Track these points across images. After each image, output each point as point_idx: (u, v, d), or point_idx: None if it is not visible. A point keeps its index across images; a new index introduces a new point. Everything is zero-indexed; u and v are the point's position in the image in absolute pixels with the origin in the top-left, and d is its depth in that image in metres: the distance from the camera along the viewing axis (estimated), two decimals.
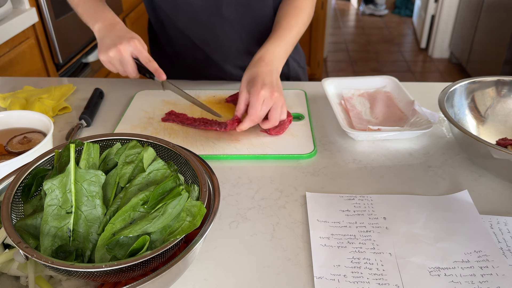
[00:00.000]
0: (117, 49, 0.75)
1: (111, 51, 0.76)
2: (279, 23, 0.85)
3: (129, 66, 0.77)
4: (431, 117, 0.77)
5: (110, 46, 0.76)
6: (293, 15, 0.85)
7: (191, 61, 1.00)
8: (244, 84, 0.75)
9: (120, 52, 0.76)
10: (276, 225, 0.59)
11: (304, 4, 0.87)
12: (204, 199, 0.46)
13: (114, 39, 0.77)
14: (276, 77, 0.76)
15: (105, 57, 0.77)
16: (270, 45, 0.80)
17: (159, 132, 0.80)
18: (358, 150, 0.75)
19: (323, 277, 0.51)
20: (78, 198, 0.44)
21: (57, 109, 0.88)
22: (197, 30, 0.93)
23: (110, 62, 0.78)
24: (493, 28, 2.71)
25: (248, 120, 0.73)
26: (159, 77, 0.79)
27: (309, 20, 0.89)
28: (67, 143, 0.47)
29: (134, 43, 0.76)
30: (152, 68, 0.78)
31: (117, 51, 0.76)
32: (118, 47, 0.75)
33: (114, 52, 0.76)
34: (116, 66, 0.78)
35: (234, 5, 0.88)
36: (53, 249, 0.42)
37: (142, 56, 0.77)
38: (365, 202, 0.62)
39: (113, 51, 0.76)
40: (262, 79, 0.73)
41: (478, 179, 0.67)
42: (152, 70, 0.78)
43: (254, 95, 0.72)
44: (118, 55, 0.76)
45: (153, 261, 0.41)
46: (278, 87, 0.74)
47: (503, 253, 0.53)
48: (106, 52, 0.76)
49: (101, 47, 0.78)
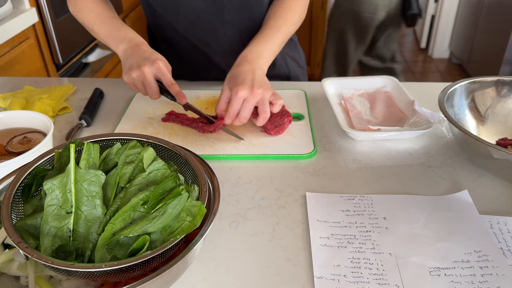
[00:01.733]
0: (141, 71, 0.75)
1: (134, 72, 0.75)
2: (266, 23, 0.85)
3: (150, 88, 0.76)
4: (431, 117, 0.77)
5: (133, 68, 0.76)
6: (282, 15, 0.85)
7: (191, 64, 1.00)
8: (226, 82, 0.76)
9: (144, 74, 0.75)
10: (276, 225, 0.59)
11: (294, 5, 0.87)
12: (204, 199, 0.46)
13: (139, 60, 0.76)
14: (260, 75, 0.75)
15: (128, 78, 0.77)
16: (254, 45, 0.80)
17: (159, 132, 0.80)
18: (358, 150, 0.75)
19: (323, 277, 0.51)
20: (78, 198, 0.44)
21: (57, 109, 0.88)
22: (197, 33, 0.93)
23: (133, 84, 0.77)
24: (493, 28, 2.71)
25: (228, 117, 0.73)
26: (180, 100, 0.77)
27: (300, 20, 0.89)
28: (67, 143, 0.47)
29: (158, 65, 0.75)
30: (174, 91, 0.77)
31: (140, 73, 0.75)
32: (142, 69, 0.74)
33: (137, 74, 0.75)
34: (139, 87, 0.77)
35: (236, 8, 0.88)
36: (53, 249, 0.42)
37: (165, 79, 0.76)
38: (365, 202, 0.62)
39: (136, 73, 0.75)
40: (243, 77, 0.73)
41: (478, 179, 0.67)
42: (174, 93, 0.77)
43: (233, 94, 0.72)
44: (141, 76, 0.75)
45: (153, 261, 0.41)
46: (261, 83, 0.74)
47: (503, 253, 0.53)
48: (129, 73, 0.76)
49: (125, 67, 0.78)
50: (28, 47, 1.45)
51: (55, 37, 1.56)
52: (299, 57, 1.08)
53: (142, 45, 0.80)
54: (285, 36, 0.85)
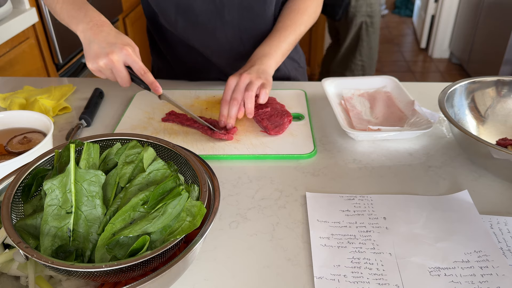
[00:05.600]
0: (109, 59, 0.68)
1: (101, 60, 0.69)
2: (276, 24, 0.86)
3: (120, 77, 0.71)
4: (431, 117, 0.77)
5: (99, 55, 0.69)
6: (290, 16, 0.86)
7: (191, 64, 1.00)
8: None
9: (112, 62, 0.68)
10: (276, 225, 0.59)
11: (306, 5, 0.87)
12: (204, 199, 0.46)
13: (104, 46, 0.69)
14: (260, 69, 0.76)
15: (94, 66, 0.70)
16: (262, 46, 0.81)
17: (159, 132, 0.80)
18: (358, 150, 0.75)
19: (323, 277, 0.51)
20: (78, 198, 0.44)
21: (57, 109, 0.88)
22: (197, 34, 0.92)
23: (100, 71, 0.71)
24: (493, 28, 2.71)
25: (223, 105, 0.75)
26: (155, 91, 0.72)
27: (311, 19, 0.89)
28: (67, 143, 0.47)
29: (127, 51, 0.69)
30: (148, 81, 0.71)
31: (108, 61, 0.68)
32: (110, 56, 0.68)
33: (104, 61, 0.69)
34: (107, 74, 0.72)
35: (236, 9, 0.88)
36: (53, 249, 0.42)
37: (136, 66, 0.70)
38: (365, 202, 0.62)
39: (103, 60, 0.69)
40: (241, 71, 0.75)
41: (478, 179, 0.67)
42: (148, 83, 0.72)
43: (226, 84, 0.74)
44: (110, 64, 0.69)
45: (153, 261, 0.41)
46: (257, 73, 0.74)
47: (503, 253, 0.53)
48: (95, 60, 0.69)
49: (89, 54, 0.70)
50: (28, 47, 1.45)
51: (55, 37, 1.56)
52: (299, 57, 1.08)
53: (103, 25, 0.72)
54: (295, 36, 0.85)
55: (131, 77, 0.73)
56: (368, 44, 2.42)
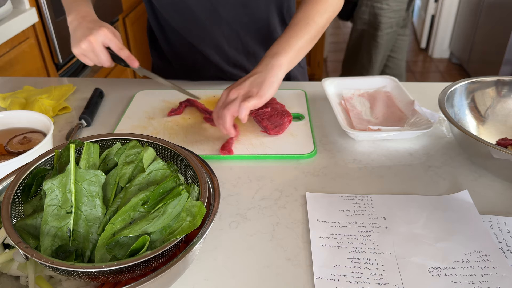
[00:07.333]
0: (88, 40, 0.75)
1: (82, 43, 0.75)
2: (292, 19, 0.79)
3: (102, 56, 0.77)
4: (431, 117, 0.77)
5: (81, 38, 0.75)
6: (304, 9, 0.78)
7: (190, 63, 1.00)
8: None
9: (91, 43, 0.75)
10: (276, 225, 0.59)
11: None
12: (204, 199, 0.46)
13: (85, 31, 0.76)
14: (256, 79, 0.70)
15: (78, 50, 0.76)
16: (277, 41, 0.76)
17: (159, 132, 0.80)
18: (358, 150, 0.75)
19: (323, 277, 0.51)
20: (78, 198, 0.44)
21: (57, 109, 0.88)
22: (195, 32, 0.93)
23: (84, 55, 0.77)
24: (493, 28, 2.71)
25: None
26: (131, 64, 0.78)
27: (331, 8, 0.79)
28: (67, 143, 0.47)
29: (103, 31, 0.75)
30: (124, 55, 0.77)
31: (88, 43, 0.75)
32: (89, 38, 0.74)
33: (85, 44, 0.75)
34: (91, 58, 0.78)
35: (231, 6, 0.88)
36: (53, 249, 0.42)
37: (113, 44, 0.77)
38: (365, 202, 0.62)
39: (84, 43, 0.75)
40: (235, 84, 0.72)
41: (478, 179, 0.67)
42: (124, 57, 0.77)
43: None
44: (90, 46, 0.75)
45: (153, 261, 0.41)
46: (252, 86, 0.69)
47: (503, 253, 0.53)
48: (78, 44, 0.76)
49: (73, 39, 0.77)
50: (28, 47, 1.45)
51: (55, 37, 1.56)
52: None
53: (87, 16, 0.79)
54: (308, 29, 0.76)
55: (112, 57, 0.78)
56: (368, 56, 2.35)
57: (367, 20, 2.28)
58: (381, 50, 2.33)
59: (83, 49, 0.76)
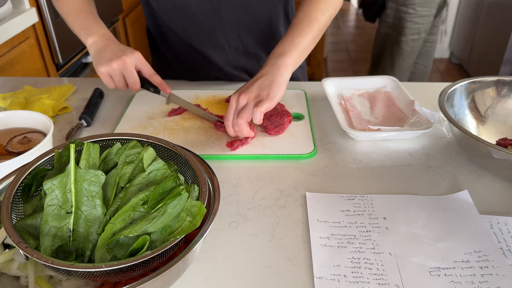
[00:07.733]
0: (122, 60, 0.74)
1: (114, 62, 0.74)
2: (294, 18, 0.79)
3: (132, 77, 0.76)
4: (431, 117, 0.77)
5: (113, 58, 0.75)
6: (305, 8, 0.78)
7: (190, 64, 1.00)
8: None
9: (125, 63, 0.74)
10: (276, 225, 0.59)
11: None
12: (204, 199, 0.46)
13: (116, 51, 0.76)
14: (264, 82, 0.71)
15: (106, 68, 0.75)
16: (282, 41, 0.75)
17: (159, 132, 0.80)
18: (358, 150, 0.75)
19: (323, 277, 0.51)
20: (78, 198, 0.44)
21: (57, 109, 0.88)
22: (195, 33, 0.92)
23: (110, 75, 0.76)
24: (493, 28, 2.71)
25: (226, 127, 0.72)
26: (164, 90, 0.78)
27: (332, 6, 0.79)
28: (67, 143, 0.47)
29: (138, 55, 0.76)
30: (156, 82, 0.78)
31: (121, 62, 0.74)
32: (123, 58, 0.74)
33: (118, 63, 0.74)
34: (117, 79, 0.77)
35: (232, 6, 0.88)
36: (53, 249, 0.42)
37: (146, 68, 0.76)
38: (365, 202, 0.62)
39: (116, 63, 0.74)
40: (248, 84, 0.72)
41: (478, 179, 0.67)
42: (157, 84, 0.78)
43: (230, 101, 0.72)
44: (122, 66, 0.74)
45: (153, 261, 0.41)
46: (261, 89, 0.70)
47: (503, 253, 0.53)
48: (108, 63, 0.75)
49: (102, 58, 0.76)
50: (28, 47, 1.45)
51: (55, 37, 1.56)
52: None
53: (113, 39, 0.80)
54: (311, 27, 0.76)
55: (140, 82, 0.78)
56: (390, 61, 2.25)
57: (391, 23, 2.20)
58: (405, 56, 2.23)
59: (113, 68, 0.75)
